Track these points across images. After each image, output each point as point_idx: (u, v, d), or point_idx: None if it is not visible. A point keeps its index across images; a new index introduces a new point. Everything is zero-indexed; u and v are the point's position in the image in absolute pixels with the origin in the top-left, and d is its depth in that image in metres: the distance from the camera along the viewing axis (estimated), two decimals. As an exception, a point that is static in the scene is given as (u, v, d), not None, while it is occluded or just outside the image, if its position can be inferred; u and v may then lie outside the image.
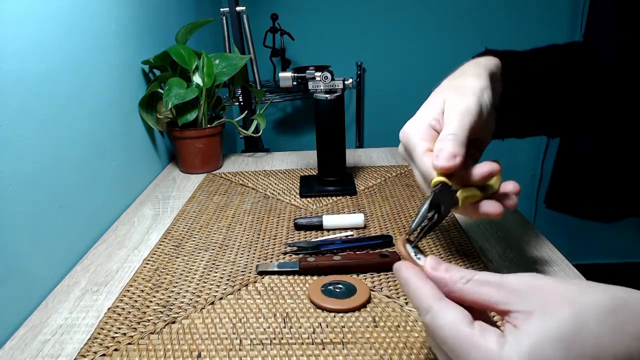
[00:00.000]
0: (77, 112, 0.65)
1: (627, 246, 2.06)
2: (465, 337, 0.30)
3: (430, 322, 0.32)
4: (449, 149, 0.41)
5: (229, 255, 0.60)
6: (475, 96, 0.45)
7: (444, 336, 0.30)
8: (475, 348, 0.29)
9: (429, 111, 0.46)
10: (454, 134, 0.42)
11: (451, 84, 0.48)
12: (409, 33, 1.82)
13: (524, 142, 2.02)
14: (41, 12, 0.57)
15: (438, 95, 0.47)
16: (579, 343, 0.28)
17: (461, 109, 0.44)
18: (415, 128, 0.45)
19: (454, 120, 0.43)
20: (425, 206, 0.41)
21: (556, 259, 0.57)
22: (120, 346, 0.45)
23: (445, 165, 0.41)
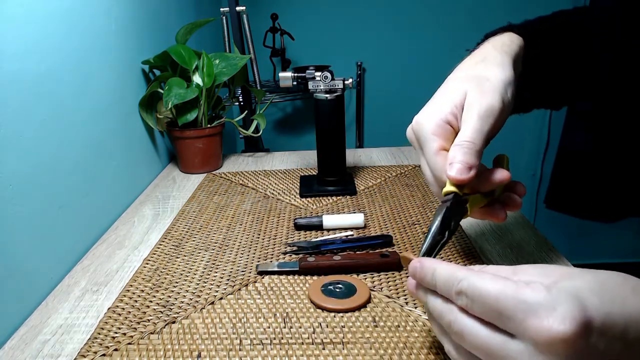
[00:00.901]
0: (77, 112, 0.65)
1: (627, 246, 2.06)
2: (511, 289, 0.29)
3: (469, 288, 0.30)
4: (465, 159, 0.39)
5: (229, 255, 0.60)
6: (499, 94, 0.42)
7: (490, 296, 0.29)
8: (523, 296, 0.28)
9: (447, 102, 0.43)
10: (472, 142, 0.40)
11: (473, 73, 0.45)
12: (409, 33, 1.82)
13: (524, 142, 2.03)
14: (41, 12, 0.57)
15: (459, 84, 0.44)
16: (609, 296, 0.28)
17: (483, 109, 0.41)
18: (431, 121, 0.42)
19: (474, 123, 0.40)
20: (436, 225, 0.39)
21: (556, 259, 0.57)
22: (120, 346, 0.45)
23: (460, 178, 0.39)
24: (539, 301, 0.27)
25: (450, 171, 0.39)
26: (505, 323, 0.29)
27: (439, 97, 0.44)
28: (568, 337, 0.26)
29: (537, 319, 0.27)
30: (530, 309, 0.27)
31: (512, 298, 0.28)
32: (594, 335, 0.27)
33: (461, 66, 0.47)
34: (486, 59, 0.46)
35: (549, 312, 0.27)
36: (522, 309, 0.28)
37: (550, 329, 0.26)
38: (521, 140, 1.99)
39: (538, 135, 1.99)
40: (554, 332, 0.26)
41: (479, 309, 0.30)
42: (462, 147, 0.40)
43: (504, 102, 0.42)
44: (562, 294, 0.28)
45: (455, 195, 0.41)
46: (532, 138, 1.99)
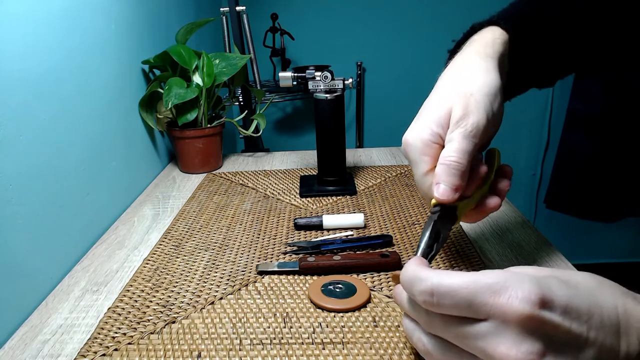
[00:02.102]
0: (77, 112, 0.65)
1: (627, 246, 2.06)
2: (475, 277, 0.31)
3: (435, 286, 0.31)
4: (451, 181, 0.40)
5: (229, 255, 0.60)
6: (484, 111, 0.42)
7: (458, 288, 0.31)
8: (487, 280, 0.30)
9: (433, 121, 0.43)
10: (458, 162, 0.40)
11: (459, 83, 0.44)
12: (409, 33, 1.82)
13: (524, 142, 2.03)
14: (41, 12, 0.57)
15: (443, 98, 0.44)
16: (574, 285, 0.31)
17: (468, 129, 0.41)
18: (417, 140, 0.43)
19: (459, 144, 0.41)
20: (425, 240, 0.40)
21: (556, 259, 0.57)
22: (120, 346, 0.45)
23: (445, 200, 0.41)
24: (500, 282, 0.30)
25: (436, 192, 0.41)
26: (476, 310, 0.30)
27: (425, 114, 0.44)
28: (528, 312, 0.28)
29: (500, 296, 0.29)
30: (494, 290, 0.30)
31: (478, 285, 0.30)
32: (557, 312, 0.29)
33: (445, 76, 0.47)
34: (470, 67, 0.46)
35: (511, 290, 0.29)
36: (489, 292, 0.30)
37: (512, 304, 0.29)
38: (521, 141, 1.99)
39: (538, 136, 1.99)
40: (515, 307, 0.29)
41: (449, 302, 0.31)
42: (448, 167, 0.41)
43: (488, 118, 0.42)
44: (523, 276, 0.30)
45: (443, 207, 0.42)
46: (532, 138, 1.99)
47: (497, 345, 0.29)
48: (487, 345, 0.30)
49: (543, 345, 0.29)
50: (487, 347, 0.30)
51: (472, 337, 0.31)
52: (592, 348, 0.29)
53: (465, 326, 0.31)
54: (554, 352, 0.29)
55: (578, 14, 0.53)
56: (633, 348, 0.30)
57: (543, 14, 0.52)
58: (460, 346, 0.32)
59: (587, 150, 1.83)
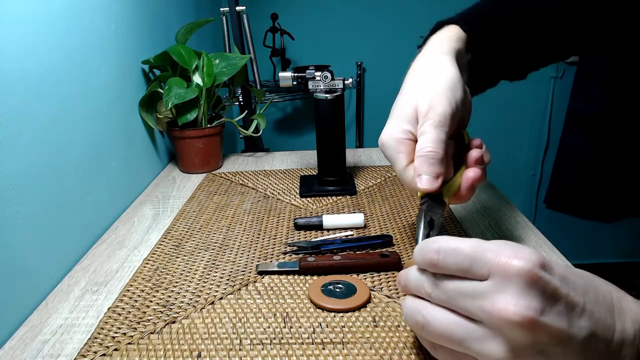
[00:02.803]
0: (77, 112, 0.65)
1: (627, 246, 2.07)
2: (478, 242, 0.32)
3: (442, 246, 0.33)
4: (431, 170, 0.43)
5: (228, 255, 0.60)
6: (447, 100, 0.44)
7: (463, 248, 0.32)
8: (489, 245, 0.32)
9: (401, 118, 0.46)
10: (434, 151, 0.43)
11: (420, 81, 0.48)
12: (409, 33, 1.82)
13: (524, 142, 2.03)
14: (41, 12, 0.57)
15: (408, 97, 0.47)
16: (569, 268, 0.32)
17: (437, 119, 0.44)
18: (391, 139, 0.46)
19: (431, 134, 0.43)
20: (421, 231, 0.42)
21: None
22: (120, 346, 0.45)
23: (429, 189, 0.43)
24: (502, 245, 0.32)
25: (420, 183, 0.43)
26: (478, 268, 0.31)
27: (394, 115, 0.48)
28: (529, 268, 0.30)
29: (502, 256, 0.31)
30: (497, 252, 0.31)
31: (482, 246, 0.32)
32: (555, 277, 0.30)
33: (408, 77, 0.50)
34: (428, 66, 0.49)
35: (512, 251, 0.31)
36: (491, 252, 0.31)
37: (513, 262, 0.30)
38: (521, 140, 1.99)
39: (538, 136, 1.99)
40: (515, 263, 0.30)
41: (453, 260, 0.32)
42: (426, 157, 0.43)
43: (452, 107, 0.45)
44: (524, 246, 0.32)
45: (429, 196, 0.44)
46: (532, 138, 1.99)
47: (496, 301, 0.30)
48: (486, 302, 0.30)
49: (541, 303, 0.29)
50: (487, 304, 0.30)
51: (473, 295, 0.31)
52: (588, 319, 0.30)
53: (467, 286, 0.32)
54: (551, 312, 0.29)
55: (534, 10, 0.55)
56: (627, 333, 0.31)
57: (502, 12, 0.56)
58: (461, 310, 0.33)
59: (587, 150, 1.83)
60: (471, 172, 0.46)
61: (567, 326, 0.29)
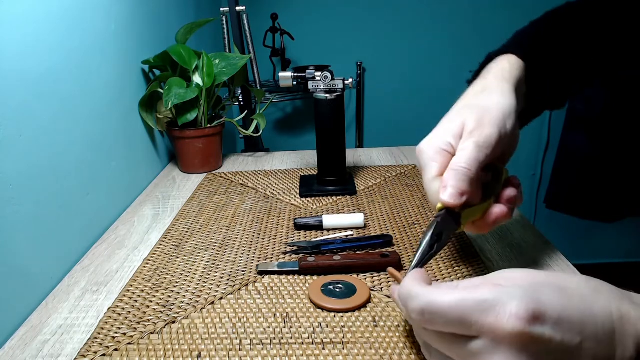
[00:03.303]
0: (77, 112, 0.65)
1: (627, 246, 2.06)
2: (463, 295, 0.31)
3: (427, 306, 0.32)
4: (458, 185, 0.41)
5: (229, 255, 0.60)
6: (497, 127, 0.43)
7: (449, 308, 0.31)
8: (477, 298, 0.30)
9: (446, 131, 0.45)
10: (467, 168, 0.41)
11: (475, 102, 0.47)
12: (409, 33, 1.82)
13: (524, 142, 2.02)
14: (41, 12, 0.57)
15: (459, 113, 0.46)
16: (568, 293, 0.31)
17: (482, 139, 0.43)
18: (430, 148, 0.45)
19: (471, 152, 0.42)
20: (426, 240, 0.41)
21: (556, 258, 0.57)
22: (121, 346, 0.45)
23: (451, 203, 0.41)
24: (489, 299, 0.30)
25: (443, 195, 0.41)
26: (467, 329, 0.30)
27: (439, 126, 0.46)
28: (518, 330, 0.28)
29: (489, 315, 0.29)
30: (483, 309, 0.30)
31: (467, 303, 0.30)
32: (548, 325, 0.29)
33: (463, 96, 0.49)
34: (487, 89, 0.48)
35: (499, 308, 0.29)
36: (478, 311, 0.30)
37: (501, 323, 0.29)
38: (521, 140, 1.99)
39: (538, 135, 1.99)
40: (504, 326, 0.29)
41: (441, 321, 0.31)
42: (457, 172, 0.42)
43: (500, 134, 0.44)
44: (513, 291, 0.30)
45: (447, 210, 0.42)
46: (532, 138, 1.99)
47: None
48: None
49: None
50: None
51: (467, 354, 0.31)
52: (586, 356, 0.29)
53: (459, 343, 0.31)
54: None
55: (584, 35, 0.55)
56: (628, 353, 0.30)
57: (551, 40, 0.54)
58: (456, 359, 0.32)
59: (587, 150, 1.83)
60: (498, 208, 0.44)
61: None
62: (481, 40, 1.72)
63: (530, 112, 0.56)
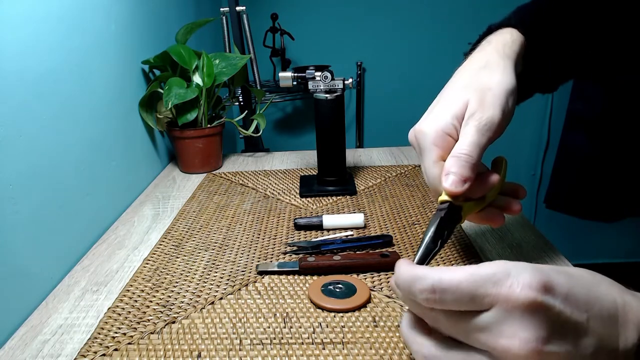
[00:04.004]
0: (77, 112, 0.65)
1: (627, 246, 2.06)
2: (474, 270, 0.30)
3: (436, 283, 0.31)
4: (461, 172, 0.40)
5: (229, 255, 0.60)
6: (500, 107, 0.42)
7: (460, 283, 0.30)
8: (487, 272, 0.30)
9: (448, 112, 0.43)
10: (469, 155, 0.40)
11: (476, 82, 0.45)
12: (409, 33, 1.82)
13: (524, 142, 2.03)
14: (41, 12, 0.57)
15: (461, 93, 0.44)
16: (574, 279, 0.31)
17: (483, 123, 0.41)
18: (432, 130, 0.43)
19: (472, 137, 0.41)
20: (429, 235, 0.40)
21: (556, 258, 0.57)
22: (121, 346, 0.45)
23: (454, 191, 0.40)
24: (500, 271, 0.30)
25: (446, 182, 0.41)
26: (479, 302, 0.30)
27: (441, 106, 0.45)
28: (532, 298, 0.28)
29: (502, 286, 0.29)
30: (495, 281, 0.30)
31: (479, 276, 0.30)
32: (558, 298, 0.29)
33: (463, 70, 0.48)
34: (489, 65, 0.46)
35: (512, 279, 0.29)
36: (490, 283, 0.30)
37: (514, 292, 0.29)
38: (521, 140, 1.99)
39: (538, 135, 1.99)
40: (517, 294, 0.29)
41: (452, 297, 0.31)
42: (459, 159, 0.41)
43: (503, 113, 0.42)
44: (523, 265, 0.30)
45: (450, 204, 0.42)
46: (532, 138, 1.99)
47: (502, 336, 0.29)
48: (491, 337, 0.29)
49: (546, 332, 0.28)
50: (491, 338, 0.29)
51: (477, 329, 0.30)
52: (592, 337, 0.29)
53: (470, 319, 0.31)
54: (556, 339, 0.29)
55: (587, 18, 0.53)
56: (631, 341, 0.30)
57: (554, 18, 0.53)
58: (466, 341, 0.32)
59: (587, 150, 1.83)
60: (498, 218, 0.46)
61: (573, 348, 0.29)
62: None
63: (522, 93, 0.54)
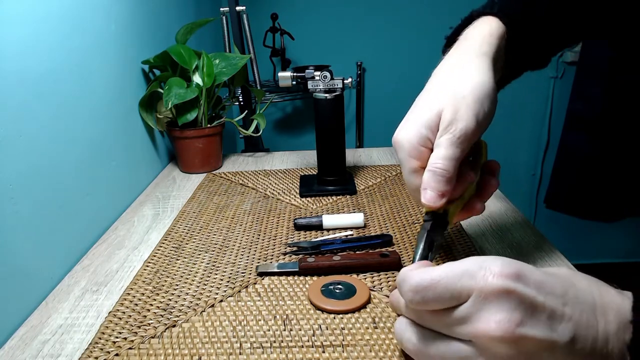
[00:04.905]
0: (77, 112, 0.65)
1: (627, 246, 2.06)
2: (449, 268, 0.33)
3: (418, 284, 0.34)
4: (438, 187, 0.41)
5: (229, 257, 0.60)
6: (474, 114, 0.42)
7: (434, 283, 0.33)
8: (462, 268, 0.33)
9: (422, 121, 0.43)
10: (444, 169, 0.41)
11: (451, 84, 0.44)
12: (409, 33, 1.82)
13: (523, 142, 2.03)
14: (41, 12, 0.57)
15: (434, 99, 0.44)
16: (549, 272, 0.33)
17: (457, 135, 0.41)
18: (405, 142, 0.44)
19: (447, 150, 0.41)
20: (420, 250, 0.42)
21: (556, 258, 0.57)
22: (121, 351, 0.45)
23: (432, 206, 0.42)
24: (475, 265, 0.32)
25: (424, 198, 0.42)
26: (457, 297, 0.32)
27: (415, 114, 0.44)
28: (502, 285, 0.31)
29: (476, 277, 0.32)
30: (470, 274, 0.32)
31: (455, 272, 0.33)
32: (530, 286, 0.31)
33: (439, 72, 0.47)
34: (464, 66, 0.45)
35: (485, 269, 0.32)
36: (466, 276, 0.32)
37: (487, 281, 0.31)
38: (521, 140, 1.99)
39: (538, 135, 1.99)
40: (490, 282, 0.31)
41: (432, 295, 0.33)
42: (434, 174, 0.41)
43: (478, 121, 0.42)
44: (494, 257, 0.33)
45: (434, 214, 0.44)
46: (532, 138, 1.99)
47: (479, 322, 0.31)
48: (470, 325, 0.31)
49: (519, 315, 0.30)
50: (470, 327, 0.31)
51: (458, 322, 0.32)
52: (569, 322, 0.31)
53: (451, 313, 0.33)
54: (530, 323, 0.30)
55: None
56: (610, 327, 0.32)
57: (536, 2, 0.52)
58: (450, 334, 0.33)
59: (587, 150, 1.83)
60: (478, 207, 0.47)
61: (549, 333, 0.30)
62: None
63: (509, 75, 0.54)
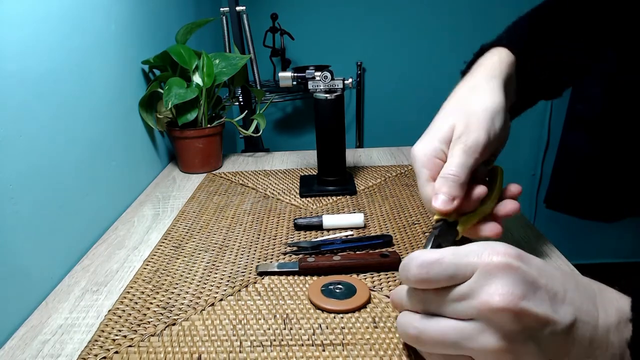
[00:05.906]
0: (77, 112, 0.65)
1: (627, 246, 2.06)
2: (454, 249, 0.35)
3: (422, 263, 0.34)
4: (449, 192, 0.43)
5: (229, 256, 0.60)
6: (485, 129, 0.45)
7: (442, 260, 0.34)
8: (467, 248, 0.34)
9: (436, 135, 0.47)
10: (456, 175, 0.44)
11: (463, 103, 0.48)
12: (409, 33, 1.82)
13: (524, 142, 2.02)
14: (41, 12, 0.57)
15: (448, 116, 0.47)
16: None
17: (468, 145, 0.44)
18: (421, 154, 0.47)
19: (459, 158, 0.44)
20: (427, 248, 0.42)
21: (556, 259, 0.57)
22: (121, 349, 0.45)
23: (443, 209, 0.43)
24: (480, 247, 0.34)
25: (435, 202, 0.44)
26: (463, 273, 0.33)
27: (429, 130, 0.48)
28: (507, 261, 0.32)
29: (481, 256, 0.33)
30: (476, 253, 0.33)
31: (460, 251, 0.34)
32: (532, 268, 0.33)
33: (454, 94, 0.51)
34: (475, 88, 0.49)
35: (490, 249, 0.33)
36: (471, 255, 0.33)
37: (492, 259, 0.32)
38: (521, 140, 1.99)
39: (538, 135, 1.99)
40: (495, 259, 0.32)
41: (438, 269, 0.34)
42: (447, 179, 0.44)
43: (489, 135, 0.45)
44: (498, 242, 0.34)
45: (444, 222, 0.44)
46: (532, 138, 1.99)
47: (482, 295, 0.32)
48: (473, 299, 0.32)
49: (523, 290, 0.31)
50: (474, 300, 0.32)
51: (461, 298, 0.33)
52: (570, 305, 0.32)
53: (455, 290, 0.34)
54: (533, 298, 0.31)
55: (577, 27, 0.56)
56: (611, 320, 0.33)
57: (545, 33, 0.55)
58: (451, 314, 0.34)
59: (587, 150, 1.82)
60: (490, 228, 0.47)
61: (551, 311, 0.31)
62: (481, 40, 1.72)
63: (523, 104, 0.57)
